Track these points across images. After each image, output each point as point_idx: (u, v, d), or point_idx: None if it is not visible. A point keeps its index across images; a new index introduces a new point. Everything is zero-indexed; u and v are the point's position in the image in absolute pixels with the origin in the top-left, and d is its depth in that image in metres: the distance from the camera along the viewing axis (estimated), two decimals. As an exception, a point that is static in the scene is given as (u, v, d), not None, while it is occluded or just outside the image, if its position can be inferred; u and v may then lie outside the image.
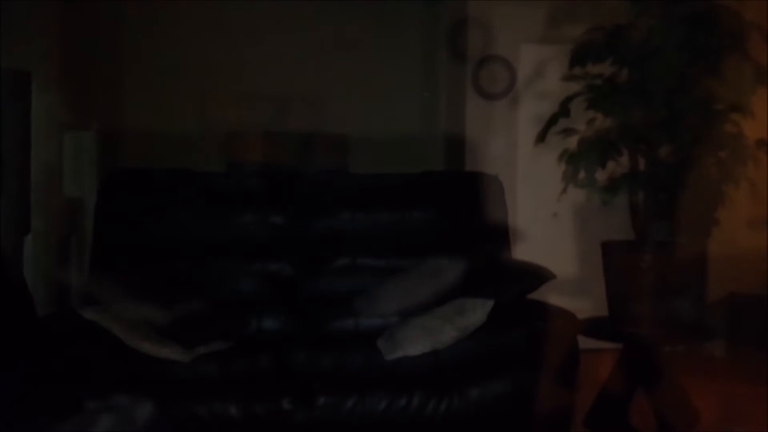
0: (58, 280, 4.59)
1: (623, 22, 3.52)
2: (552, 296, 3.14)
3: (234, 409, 2.60)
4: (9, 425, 2.57)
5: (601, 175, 3.54)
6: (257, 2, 6.23)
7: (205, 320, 3.09)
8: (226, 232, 3.44)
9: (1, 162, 3.82)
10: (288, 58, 6.32)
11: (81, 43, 5.09)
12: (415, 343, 2.90)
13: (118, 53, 6.12)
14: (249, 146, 6.39)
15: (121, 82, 6.16)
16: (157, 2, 6.14)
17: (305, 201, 3.54)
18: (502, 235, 3.60)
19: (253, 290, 3.33)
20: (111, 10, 5.98)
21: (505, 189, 3.68)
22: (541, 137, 3.58)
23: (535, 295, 3.13)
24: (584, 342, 3.05)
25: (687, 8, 3.44)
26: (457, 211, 3.58)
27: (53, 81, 4.36)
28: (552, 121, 3.59)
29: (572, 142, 3.58)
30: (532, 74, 5.55)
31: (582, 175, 3.52)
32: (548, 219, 5.54)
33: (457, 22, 5.88)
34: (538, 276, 3.14)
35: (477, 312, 2.95)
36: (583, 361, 2.90)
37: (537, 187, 5.42)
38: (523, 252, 4.85)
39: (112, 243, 3.40)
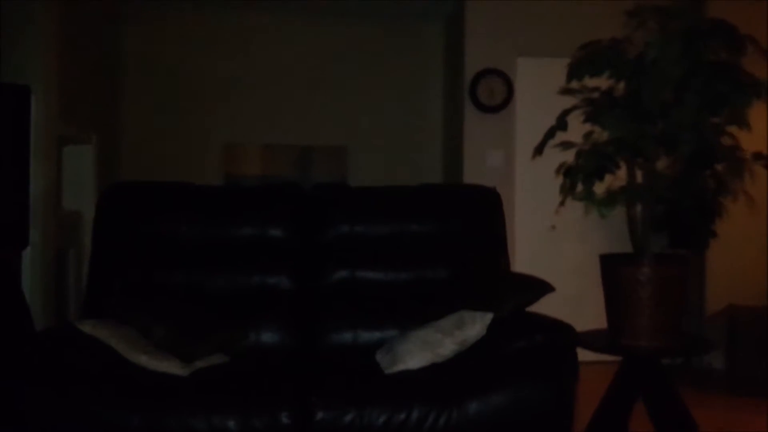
0: (56, 294, 4.58)
1: (620, 35, 3.53)
2: (551, 309, 3.14)
3: (232, 422, 2.59)
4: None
5: (598, 188, 3.55)
6: (253, 18, 6.27)
7: (203, 334, 3.08)
8: (224, 245, 3.44)
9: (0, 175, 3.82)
10: (284, 71, 6.36)
11: (80, 58, 5.10)
12: (414, 356, 2.90)
13: (118, 68, 6.15)
14: (248, 159, 6.41)
15: (120, 96, 6.18)
16: (157, 17, 6.17)
17: (304, 214, 3.54)
18: (500, 248, 3.59)
19: (251, 303, 3.33)
20: (111, 26, 6.02)
21: (503, 202, 3.68)
22: (539, 150, 3.58)
23: (534, 308, 3.13)
24: (583, 354, 3.05)
25: (684, 22, 3.46)
26: (455, 223, 3.58)
27: (52, 95, 4.37)
28: (549, 134, 3.59)
29: (570, 155, 3.59)
30: (530, 87, 5.57)
31: (580, 188, 3.53)
32: (546, 231, 5.58)
33: (456, 36, 5.90)
34: (536, 288, 3.14)
35: (476, 325, 2.94)
36: (582, 374, 2.89)
37: (535, 200, 5.45)
38: (521, 264, 4.86)
39: (110, 256, 3.39)
